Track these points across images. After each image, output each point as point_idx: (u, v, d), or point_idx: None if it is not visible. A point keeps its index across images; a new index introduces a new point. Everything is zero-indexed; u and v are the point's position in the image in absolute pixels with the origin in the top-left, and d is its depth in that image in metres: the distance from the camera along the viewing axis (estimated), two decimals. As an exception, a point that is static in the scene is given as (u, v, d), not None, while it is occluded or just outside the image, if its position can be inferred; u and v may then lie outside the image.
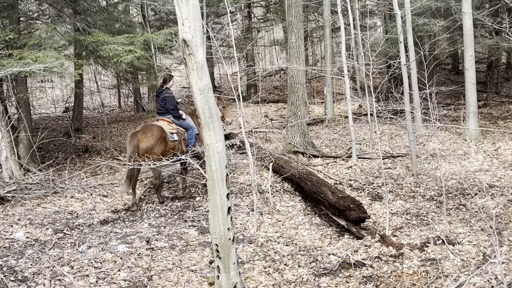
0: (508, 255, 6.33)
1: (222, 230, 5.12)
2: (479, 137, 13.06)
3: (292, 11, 12.09)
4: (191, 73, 4.85)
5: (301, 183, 9.19)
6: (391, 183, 9.95)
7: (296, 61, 12.05)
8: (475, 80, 13.35)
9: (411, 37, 13.08)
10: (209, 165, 5.02)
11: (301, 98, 12.29)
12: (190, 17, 4.70)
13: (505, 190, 8.94)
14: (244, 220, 8.29)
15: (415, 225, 7.71)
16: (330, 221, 8.06)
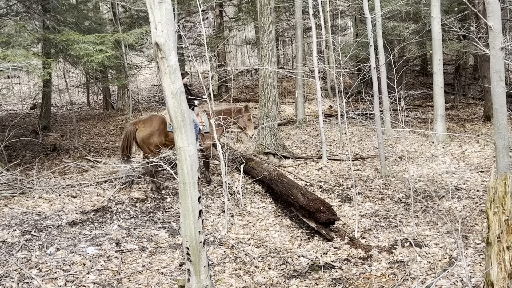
0: (474, 257, 6.52)
1: (193, 233, 5.15)
2: (447, 139, 13.35)
3: (264, 12, 12.16)
4: (163, 76, 4.87)
5: (272, 185, 9.26)
6: (360, 185, 10.11)
7: (267, 62, 12.13)
8: (443, 84, 13.65)
9: (381, 40, 13.29)
10: (181, 168, 5.04)
11: (272, 99, 12.38)
12: (163, 21, 4.71)
13: (471, 193, 9.17)
14: (215, 222, 8.32)
15: (384, 227, 7.86)
16: (300, 223, 8.16)
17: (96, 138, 16.19)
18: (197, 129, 9.80)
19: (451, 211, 8.36)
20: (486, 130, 14.91)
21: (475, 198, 8.95)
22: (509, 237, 5.17)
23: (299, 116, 16.91)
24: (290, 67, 30.58)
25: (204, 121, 10.13)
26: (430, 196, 9.08)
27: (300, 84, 16.89)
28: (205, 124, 10.10)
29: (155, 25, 4.75)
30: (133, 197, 9.56)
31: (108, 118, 19.77)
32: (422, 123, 16.04)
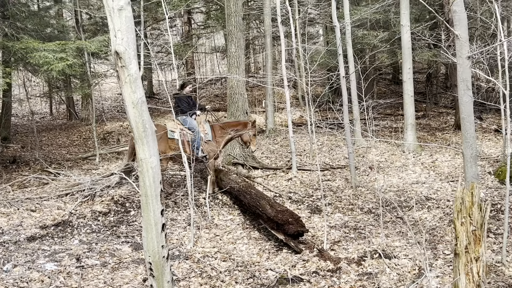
0: (443, 268, 6.60)
1: (156, 247, 5.09)
2: (417, 149, 13.53)
3: (232, 20, 12.18)
4: (124, 86, 4.82)
5: (240, 196, 9.24)
6: (330, 196, 10.16)
7: (236, 71, 12.14)
8: (413, 93, 13.85)
9: (351, 49, 13.43)
10: (143, 180, 4.99)
11: (241, 109, 12.38)
12: (123, 29, 4.68)
13: (441, 203, 9.30)
14: (180, 235, 8.26)
15: (353, 238, 7.91)
16: (269, 235, 8.15)
17: (58, 150, 15.96)
18: (199, 135, 9.98)
19: (421, 221, 8.46)
20: (457, 139, 15.18)
21: (445, 208, 9.07)
22: (476, 248, 5.24)
23: (269, 125, 16.96)
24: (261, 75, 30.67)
25: (207, 129, 10.31)
26: (400, 206, 9.18)
27: (269, 93, 16.95)
28: (207, 133, 10.27)
29: (114, 33, 4.70)
30: (96, 210, 9.41)
31: (72, 128, 19.51)
32: (393, 132, 16.23)
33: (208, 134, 10.24)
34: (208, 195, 9.21)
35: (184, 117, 10.09)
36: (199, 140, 9.98)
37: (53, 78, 14.78)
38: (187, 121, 10.09)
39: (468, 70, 6.36)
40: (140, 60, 14.18)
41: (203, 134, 10.11)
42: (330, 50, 16.19)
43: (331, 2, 11.12)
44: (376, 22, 17.13)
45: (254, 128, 10.71)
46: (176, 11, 19.75)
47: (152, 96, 26.67)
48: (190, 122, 10.09)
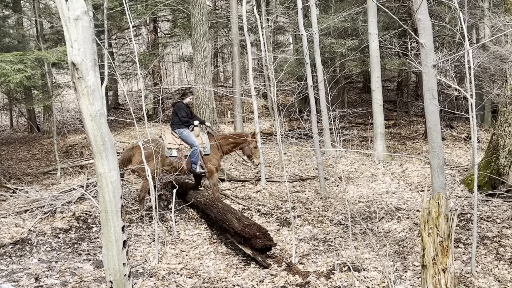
0: (413, 280, 6.66)
1: (117, 265, 5.03)
2: (387, 158, 13.69)
3: (197, 29, 12.19)
4: (81, 98, 4.77)
5: (207, 210, 9.19)
6: (299, 208, 10.19)
7: (202, 81, 12.14)
8: (382, 101, 14.03)
9: (319, 57, 13.54)
10: (102, 196, 4.94)
11: (208, 119, 12.36)
12: (80, 39, 4.64)
13: (411, 213, 9.40)
14: (145, 251, 8.16)
15: (322, 251, 7.92)
16: (236, 250, 8.12)
17: (18, 164, 15.67)
18: (197, 150, 9.85)
19: (390, 232, 8.53)
20: (427, 148, 15.37)
21: (415, 218, 9.17)
22: (444, 259, 5.31)
23: (238, 136, 16.94)
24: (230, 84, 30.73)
25: (205, 142, 10.14)
26: (369, 217, 9.25)
27: (238, 103, 16.96)
28: (205, 146, 10.11)
29: (71, 43, 4.66)
30: (56, 227, 9.25)
31: (33, 141, 19.19)
32: (363, 142, 16.40)
33: (207, 147, 10.08)
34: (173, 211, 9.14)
35: (182, 130, 9.95)
36: (198, 155, 9.84)
37: (12, 90, 14.54)
38: (184, 135, 9.93)
39: (433, 79, 6.46)
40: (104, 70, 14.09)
41: (201, 148, 9.96)
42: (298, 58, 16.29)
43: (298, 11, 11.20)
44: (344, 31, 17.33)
45: (255, 140, 10.60)
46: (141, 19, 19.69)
47: (118, 107, 26.47)
48: (188, 135, 9.93)
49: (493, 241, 8.11)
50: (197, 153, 9.84)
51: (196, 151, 9.84)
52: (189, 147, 9.88)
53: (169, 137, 9.96)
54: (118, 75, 9.59)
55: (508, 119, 10.14)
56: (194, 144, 9.86)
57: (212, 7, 26.62)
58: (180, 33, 25.21)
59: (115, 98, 26.95)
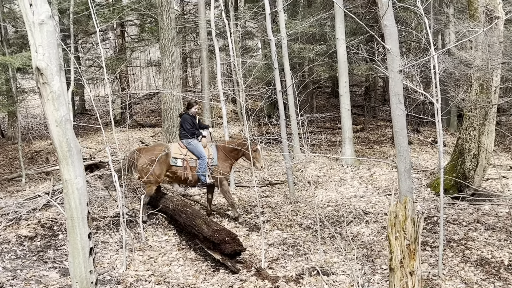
0: (381, 283, 6.73)
1: (84, 273, 4.98)
2: (355, 162, 13.82)
3: (165, 33, 12.14)
4: (46, 103, 4.71)
5: (176, 216, 9.14)
6: (269, 212, 10.21)
7: (170, 85, 12.09)
8: (350, 106, 14.16)
9: (287, 62, 13.61)
10: (68, 202, 4.89)
11: (176, 124, 12.31)
12: (44, 44, 4.58)
13: (379, 217, 9.50)
14: (112, 258, 8.07)
15: (291, 256, 7.95)
16: (205, 256, 8.09)
17: (-19, 171, 15.35)
18: (205, 161, 9.70)
19: (359, 236, 8.61)
20: (394, 152, 15.55)
21: (382, 222, 9.28)
22: (411, 262, 5.38)
23: (206, 141, 16.89)
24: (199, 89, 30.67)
25: (212, 153, 9.95)
26: (338, 221, 9.32)
27: (207, 108, 16.92)
28: (213, 157, 9.92)
29: (35, 48, 4.61)
30: (21, 235, 9.08)
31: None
32: (332, 146, 16.52)
33: (214, 158, 9.91)
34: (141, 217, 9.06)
35: (189, 141, 9.82)
36: (205, 167, 9.71)
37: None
38: (192, 146, 9.80)
39: (399, 84, 6.55)
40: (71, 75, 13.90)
41: (208, 160, 9.81)
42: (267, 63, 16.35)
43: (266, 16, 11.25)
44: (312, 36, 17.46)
45: (254, 144, 10.22)
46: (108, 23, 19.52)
47: (84, 113, 26.15)
48: (196, 146, 9.80)
49: (459, 244, 8.26)
50: (204, 164, 9.71)
51: (203, 163, 9.71)
52: (196, 158, 9.77)
53: (175, 146, 9.89)
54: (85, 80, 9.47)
55: (473, 123, 10.34)
56: (201, 155, 9.72)
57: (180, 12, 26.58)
58: (148, 38, 25.08)
59: (81, 103, 26.62)
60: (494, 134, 10.62)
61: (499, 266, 7.41)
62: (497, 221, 9.37)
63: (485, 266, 7.41)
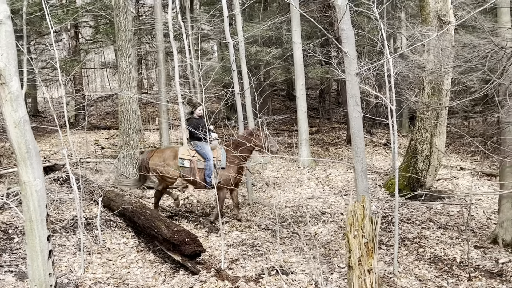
0: (339, 282, 6.84)
1: (43, 276, 4.89)
2: (312, 164, 13.98)
3: (122, 35, 12.00)
4: (4, 104, 4.62)
5: (134, 218, 9.05)
6: (227, 213, 10.22)
7: (127, 87, 11.95)
8: (306, 109, 14.33)
9: (245, 65, 13.63)
10: (27, 205, 4.79)
11: (133, 126, 12.18)
12: (3, 44, 4.49)
13: (336, 217, 9.64)
14: (70, 261, 7.93)
15: (251, 256, 7.99)
16: (165, 257, 8.04)
17: None
18: (211, 163, 9.54)
19: (316, 235, 8.72)
20: (349, 153, 15.85)
21: (339, 222, 9.42)
22: (369, 260, 5.49)
23: (164, 143, 16.78)
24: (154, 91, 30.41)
25: (220, 156, 9.75)
26: (296, 221, 9.41)
27: (164, 110, 16.82)
28: (221, 159, 9.72)
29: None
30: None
31: None
32: (289, 148, 16.66)
33: (222, 161, 9.73)
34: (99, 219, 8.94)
35: (197, 143, 9.72)
36: (211, 169, 9.54)
37: None
38: (199, 147, 9.72)
39: (356, 86, 6.67)
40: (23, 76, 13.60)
41: (216, 162, 9.63)
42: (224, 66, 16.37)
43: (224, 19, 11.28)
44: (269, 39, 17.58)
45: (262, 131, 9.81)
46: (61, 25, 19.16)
47: (37, 115, 25.57)
48: (203, 148, 9.68)
49: (413, 242, 8.47)
50: (210, 166, 9.55)
51: (209, 164, 9.57)
52: (203, 160, 9.67)
53: (184, 148, 9.96)
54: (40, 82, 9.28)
55: (426, 125, 10.62)
56: (208, 157, 9.60)
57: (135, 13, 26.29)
58: (103, 39, 24.73)
59: (34, 105, 26.02)
60: (445, 136, 10.94)
61: (452, 263, 7.64)
62: (448, 220, 9.65)
63: (438, 263, 7.62)
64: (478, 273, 7.23)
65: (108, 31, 23.07)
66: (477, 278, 7.07)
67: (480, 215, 10.07)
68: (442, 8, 10.23)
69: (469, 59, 7.15)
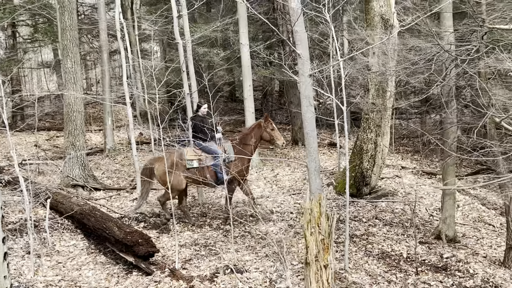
0: (292, 279, 6.97)
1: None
2: (259, 164, 14.12)
3: (67, 34, 11.76)
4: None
5: (84, 220, 8.90)
6: (178, 214, 10.20)
7: (73, 87, 11.72)
8: (254, 109, 14.45)
9: (192, 66, 13.63)
10: (-18, 206, 4.68)
11: (79, 127, 11.97)
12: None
13: (286, 215, 9.81)
14: (18, 264, 7.73)
15: (204, 255, 8.03)
16: (117, 259, 7.97)
17: None
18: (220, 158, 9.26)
19: (268, 234, 8.84)
20: (294, 153, 16.11)
21: (289, 220, 9.59)
22: (325, 256, 5.65)
23: (108, 144, 16.54)
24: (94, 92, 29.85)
25: (227, 149, 9.62)
26: (247, 220, 9.50)
27: (108, 110, 16.58)
28: (228, 153, 9.56)
29: None
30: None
31: None
32: (235, 149, 16.73)
33: (230, 154, 9.57)
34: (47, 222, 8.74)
35: (201, 143, 9.59)
36: (220, 164, 9.29)
37: None
38: (204, 146, 9.57)
39: (310, 87, 6.84)
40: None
41: (224, 156, 9.43)
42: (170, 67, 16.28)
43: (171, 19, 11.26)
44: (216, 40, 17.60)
45: (269, 122, 9.83)
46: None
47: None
48: (208, 145, 9.55)
49: (361, 239, 8.74)
50: (220, 161, 9.33)
51: (219, 160, 9.35)
52: (211, 157, 9.47)
53: (190, 150, 9.68)
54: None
55: (370, 125, 10.94)
56: (215, 153, 9.43)
57: (75, 13, 25.71)
58: (42, 39, 24.09)
59: (-33, 105, 25.04)
60: (389, 136, 11.32)
61: (399, 258, 7.94)
62: (393, 217, 10.00)
63: (386, 259, 7.90)
64: (424, 268, 7.56)
65: (48, 30, 22.50)
66: (424, 272, 7.38)
67: (423, 212, 10.49)
68: (386, 12, 10.58)
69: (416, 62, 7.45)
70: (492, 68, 6.91)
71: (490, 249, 8.81)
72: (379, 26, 10.54)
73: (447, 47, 7.48)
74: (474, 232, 9.79)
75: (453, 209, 8.88)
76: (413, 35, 8.86)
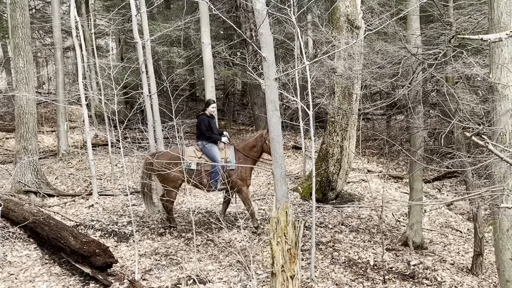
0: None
1: None
2: (222, 168, 14.10)
3: (19, 32, 11.51)
4: None
5: (37, 228, 8.72)
6: (137, 222, 10.11)
7: (25, 88, 11.49)
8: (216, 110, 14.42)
9: (151, 66, 13.51)
10: None
11: (32, 130, 11.73)
12: None
13: (249, 222, 9.82)
14: (-33, 277, 7.56)
15: (165, 265, 7.97)
16: (72, 269, 7.84)
17: None
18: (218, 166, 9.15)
19: (231, 242, 8.84)
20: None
21: (253, 228, 9.59)
22: (292, 266, 5.68)
23: (62, 147, 16.25)
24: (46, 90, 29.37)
25: (229, 156, 9.46)
26: (209, 228, 9.47)
27: (62, 111, 16.29)
28: (229, 160, 9.39)
29: None
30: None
31: None
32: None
33: (231, 161, 9.43)
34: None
35: (204, 143, 9.43)
36: (218, 172, 9.18)
37: None
38: (206, 148, 9.41)
39: (275, 91, 6.86)
40: None
41: (224, 163, 9.31)
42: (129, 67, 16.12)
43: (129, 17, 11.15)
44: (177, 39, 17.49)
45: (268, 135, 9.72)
46: None
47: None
48: (210, 149, 9.39)
49: (327, 246, 8.82)
50: (217, 170, 9.23)
51: (216, 168, 9.25)
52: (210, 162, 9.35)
53: (190, 149, 9.56)
54: None
55: (336, 128, 11.06)
56: (215, 159, 9.32)
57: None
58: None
59: None
60: (355, 139, 11.45)
61: (366, 266, 8.04)
62: (360, 223, 10.12)
63: (353, 267, 7.99)
64: (391, 276, 7.68)
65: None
66: (391, 280, 7.50)
67: (390, 218, 10.65)
68: (352, 12, 10.71)
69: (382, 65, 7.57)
70: (460, 73, 7.07)
71: (457, 255, 9.01)
72: (345, 27, 10.67)
73: (414, 50, 7.61)
74: (442, 238, 10.00)
75: (420, 215, 9.06)
76: (379, 38, 8.99)
